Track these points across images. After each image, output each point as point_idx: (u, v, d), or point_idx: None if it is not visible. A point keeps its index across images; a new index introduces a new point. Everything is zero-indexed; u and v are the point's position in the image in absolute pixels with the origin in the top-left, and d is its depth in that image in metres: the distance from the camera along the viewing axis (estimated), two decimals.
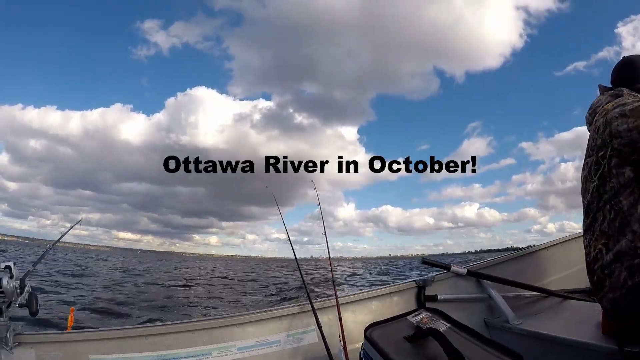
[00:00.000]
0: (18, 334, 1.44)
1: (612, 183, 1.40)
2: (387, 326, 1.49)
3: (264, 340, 1.76)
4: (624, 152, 1.36)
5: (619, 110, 1.39)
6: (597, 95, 1.65)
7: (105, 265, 19.63)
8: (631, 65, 1.67)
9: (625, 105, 1.39)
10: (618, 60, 1.74)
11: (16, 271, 1.39)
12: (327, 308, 1.87)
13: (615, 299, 1.34)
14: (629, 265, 1.29)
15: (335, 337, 1.71)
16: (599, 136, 1.46)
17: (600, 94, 1.65)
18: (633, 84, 1.60)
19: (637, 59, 1.68)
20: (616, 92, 1.55)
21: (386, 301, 2.02)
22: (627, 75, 1.65)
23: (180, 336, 1.66)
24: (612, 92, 1.57)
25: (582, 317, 1.81)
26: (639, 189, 1.32)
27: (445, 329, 1.42)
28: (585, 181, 1.53)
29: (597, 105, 1.58)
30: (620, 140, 1.37)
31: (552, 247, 2.50)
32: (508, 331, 1.90)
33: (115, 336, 1.62)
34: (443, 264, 2.14)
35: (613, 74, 1.72)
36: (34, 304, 1.43)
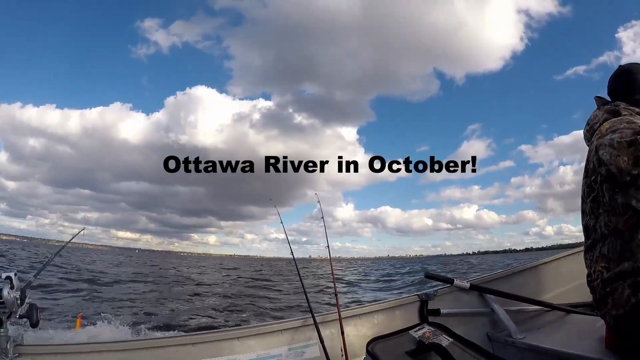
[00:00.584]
0: (18, 344, 1.43)
1: (605, 207, 1.39)
2: (389, 340, 1.48)
3: (265, 354, 1.75)
4: (610, 179, 1.35)
5: (609, 139, 1.36)
6: (594, 109, 1.61)
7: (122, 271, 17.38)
8: (627, 75, 1.61)
9: (615, 132, 1.36)
10: (616, 67, 1.68)
11: (17, 282, 1.39)
12: (329, 322, 1.86)
13: (619, 316, 1.33)
14: (632, 283, 1.29)
15: (337, 351, 1.70)
16: (591, 159, 1.45)
17: (597, 107, 1.61)
18: (630, 96, 1.56)
19: (634, 68, 1.62)
20: (613, 108, 1.51)
21: (389, 315, 2.01)
22: (623, 87, 1.60)
23: (181, 349, 1.65)
24: (609, 107, 1.53)
25: (585, 331, 1.80)
26: (636, 215, 1.31)
27: (447, 344, 1.41)
28: (582, 202, 1.52)
29: (594, 122, 1.54)
30: (605, 168, 1.36)
31: (555, 261, 2.49)
32: (511, 345, 1.88)
33: (115, 348, 1.61)
34: (446, 278, 2.13)
35: (610, 84, 1.66)
36: (34, 315, 1.42)
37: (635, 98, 1.55)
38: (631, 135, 1.30)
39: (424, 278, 2.28)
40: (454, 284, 2.10)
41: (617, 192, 1.35)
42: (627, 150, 1.30)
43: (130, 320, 5.71)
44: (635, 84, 1.58)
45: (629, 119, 1.40)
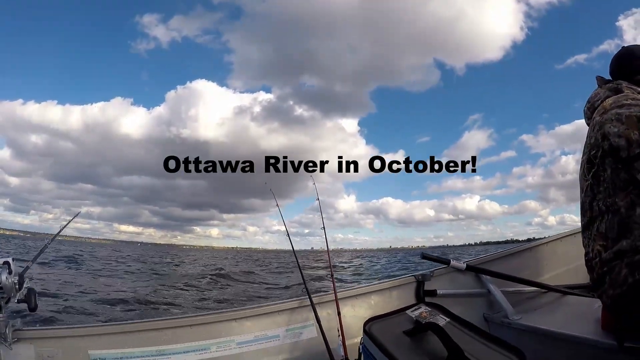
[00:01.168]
0: (17, 329, 1.44)
1: (606, 183, 1.38)
2: (386, 320, 1.49)
3: (263, 335, 1.76)
4: (613, 153, 1.35)
5: (615, 113, 1.36)
6: (595, 89, 1.61)
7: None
8: (630, 56, 1.62)
9: (622, 107, 1.36)
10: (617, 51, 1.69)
11: (15, 267, 1.39)
12: (326, 303, 1.87)
13: (616, 295, 1.34)
14: (629, 262, 1.29)
15: (335, 331, 1.71)
16: (593, 134, 1.45)
17: (598, 87, 1.61)
18: (632, 76, 1.56)
19: (637, 49, 1.62)
20: (615, 86, 1.51)
21: (385, 296, 2.02)
22: (626, 67, 1.60)
23: (179, 331, 1.66)
24: (611, 85, 1.54)
25: (582, 312, 1.81)
26: (635, 191, 1.30)
27: (444, 324, 1.41)
28: (581, 179, 1.52)
29: (596, 99, 1.55)
30: (608, 142, 1.36)
31: (552, 243, 2.50)
32: (507, 326, 1.90)
33: (114, 331, 1.62)
34: (442, 259, 2.13)
35: (612, 64, 1.67)
36: (32, 300, 1.43)
37: (637, 78, 1.55)
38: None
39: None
40: (450, 264, 2.10)
41: (620, 167, 1.34)
42: (637, 125, 1.30)
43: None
44: (638, 63, 1.58)
45: (634, 96, 1.40)
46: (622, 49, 1.66)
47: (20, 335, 1.45)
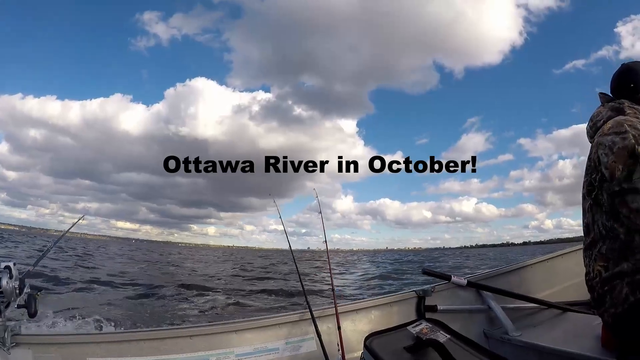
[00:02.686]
0: (16, 334, 1.44)
1: (604, 206, 1.39)
2: (387, 336, 1.48)
3: (262, 347, 1.75)
4: (607, 181, 1.36)
5: (610, 140, 1.37)
6: (598, 106, 1.60)
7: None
8: (630, 73, 1.60)
9: (618, 134, 1.36)
10: (615, 62, 1.72)
11: (16, 271, 1.39)
12: (326, 317, 1.87)
13: (617, 314, 1.34)
14: (630, 282, 1.30)
15: (334, 345, 1.70)
16: (592, 157, 1.45)
17: (601, 104, 1.60)
18: (634, 94, 1.55)
19: (637, 66, 1.61)
20: (617, 106, 1.51)
21: (386, 311, 2.01)
22: (627, 85, 1.58)
23: (178, 341, 1.66)
24: (613, 105, 1.53)
25: (582, 329, 1.81)
26: (629, 221, 1.31)
27: (445, 340, 1.41)
28: (582, 199, 1.52)
29: (598, 119, 1.54)
30: (602, 168, 1.37)
31: (552, 259, 2.50)
32: (507, 342, 1.89)
33: (113, 339, 1.62)
34: (443, 275, 2.14)
35: (613, 82, 1.65)
36: (32, 305, 1.43)
37: (639, 97, 1.54)
38: (633, 147, 1.30)
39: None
40: (451, 280, 2.10)
41: (615, 194, 1.35)
42: (624, 160, 1.31)
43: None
44: (638, 80, 1.56)
45: (632, 122, 1.39)
46: (622, 66, 1.65)
47: (18, 340, 1.44)
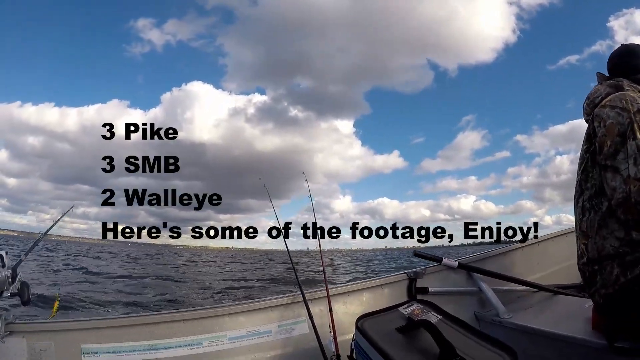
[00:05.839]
0: (9, 322, 1.44)
1: (593, 180, 1.39)
2: (378, 317, 1.49)
3: (255, 331, 1.76)
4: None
5: (606, 113, 1.36)
6: (595, 85, 1.58)
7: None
8: (631, 54, 1.58)
9: (614, 108, 1.35)
10: (614, 49, 1.65)
11: (8, 260, 1.39)
12: (318, 299, 1.87)
13: (608, 295, 1.34)
14: (620, 263, 1.29)
15: (326, 327, 1.71)
16: (588, 130, 1.44)
17: (598, 83, 1.58)
18: (633, 74, 1.53)
19: (637, 47, 1.60)
20: (615, 83, 1.48)
21: (377, 293, 2.02)
22: (626, 64, 1.57)
23: (171, 325, 1.66)
24: (611, 82, 1.50)
25: (572, 312, 1.82)
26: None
27: (436, 321, 1.42)
28: (576, 177, 1.52)
29: (596, 95, 1.51)
30: (595, 140, 1.37)
31: (543, 242, 2.51)
32: (498, 325, 1.91)
33: (106, 325, 1.62)
34: (434, 257, 2.13)
35: (611, 61, 1.63)
36: (25, 293, 1.43)
37: (638, 77, 1.52)
38: (627, 126, 1.28)
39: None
40: (442, 262, 2.10)
41: (602, 168, 1.34)
42: (614, 137, 1.30)
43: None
44: (638, 62, 1.55)
45: (632, 96, 1.37)
46: (622, 46, 1.63)
47: (12, 328, 1.44)
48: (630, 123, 1.28)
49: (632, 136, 1.26)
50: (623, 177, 1.25)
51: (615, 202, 1.28)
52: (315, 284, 9.19)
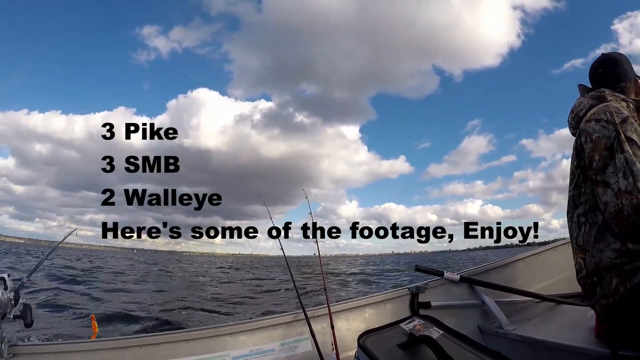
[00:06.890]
0: (13, 345, 1.44)
1: (587, 195, 1.39)
2: (380, 334, 1.49)
3: (257, 349, 1.76)
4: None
5: (591, 128, 1.36)
6: (578, 97, 1.59)
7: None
8: (612, 63, 1.58)
9: (599, 121, 1.35)
10: (594, 60, 1.64)
11: (10, 283, 1.40)
12: (320, 316, 1.88)
13: (609, 305, 1.34)
14: (619, 273, 1.30)
15: (329, 345, 1.71)
16: (576, 146, 1.45)
17: (581, 95, 1.58)
18: (615, 83, 1.53)
19: (618, 57, 1.59)
20: (598, 94, 1.48)
21: (379, 309, 2.02)
22: (607, 74, 1.56)
23: (174, 346, 1.66)
24: (594, 94, 1.50)
25: (576, 321, 1.82)
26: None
27: (438, 336, 1.42)
28: (568, 193, 1.53)
29: (579, 109, 1.52)
30: (584, 156, 1.38)
31: (545, 252, 2.51)
32: (502, 337, 1.90)
33: (109, 347, 1.62)
34: (436, 271, 2.14)
35: (592, 72, 1.62)
36: (28, 315, 1.43)
37: (620, 85, 1.53)
38: (613, 138, 1.29)
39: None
40: (444, 276, 2.11)
41: (593, 183, 1.35)
42: (601, 152, 1.31)
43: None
44: (619, 71, 1.56)
45: (616, 107, 1.38)
46: (602, 55, 1.63)
47: (16, 350, 1.44)
48: (617, 135, 1.29)
49: (620, 149, 1.27)
50: (614, 191, 1.26)
51: (609, 215, 1.28)
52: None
